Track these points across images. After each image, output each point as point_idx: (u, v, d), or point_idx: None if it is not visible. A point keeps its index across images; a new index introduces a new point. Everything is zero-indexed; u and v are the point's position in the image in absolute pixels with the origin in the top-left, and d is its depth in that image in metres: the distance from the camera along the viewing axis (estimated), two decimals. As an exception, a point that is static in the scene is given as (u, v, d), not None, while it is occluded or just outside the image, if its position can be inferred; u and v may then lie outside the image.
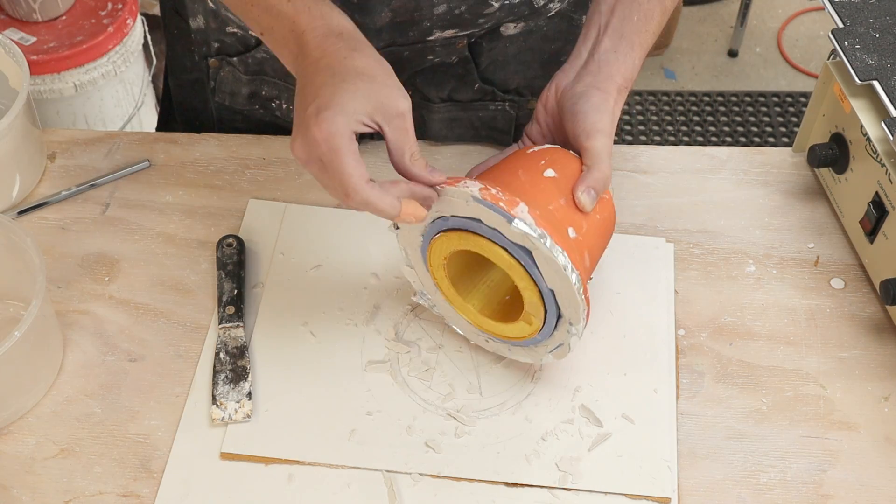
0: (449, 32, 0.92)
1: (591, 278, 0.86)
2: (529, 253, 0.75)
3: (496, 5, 0.90)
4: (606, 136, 0.79)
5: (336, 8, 0.78)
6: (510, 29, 0.95)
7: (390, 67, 0.76)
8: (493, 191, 0.75)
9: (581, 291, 0.76)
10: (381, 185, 0.74)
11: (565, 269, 0.74)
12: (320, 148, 0.72)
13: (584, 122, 0.79)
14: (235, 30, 0.99)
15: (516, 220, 0.74)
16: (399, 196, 0.75)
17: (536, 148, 0.83)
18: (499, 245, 0.77)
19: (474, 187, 0.75)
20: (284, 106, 1.04)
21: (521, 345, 0.84)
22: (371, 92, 0.73)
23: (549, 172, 0.79)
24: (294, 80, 1.01)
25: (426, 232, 0.81)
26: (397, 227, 0.83)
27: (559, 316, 0.79)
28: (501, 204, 0.74)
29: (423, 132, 1.05)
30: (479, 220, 0.77)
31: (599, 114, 0.79)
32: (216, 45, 1.02)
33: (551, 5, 0.93)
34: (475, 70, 0.98)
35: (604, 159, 0.78)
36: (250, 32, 0.98)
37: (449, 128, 1.03)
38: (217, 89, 1.05)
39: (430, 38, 0.92)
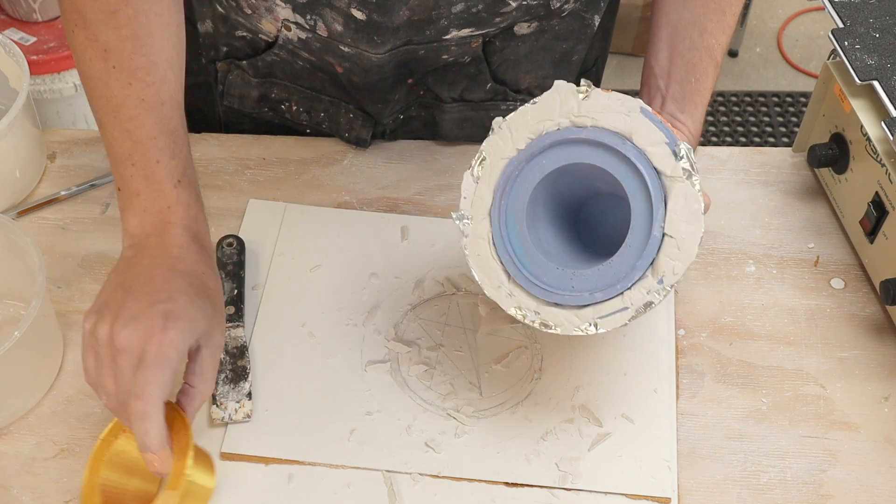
0: (465, 31, 0.92)
1: None
2: (662, 188, 0.73)
3: (513, 4, 0.90)
4: None
5: (202, 212, 0.81)
6: (523, 28, 0.95)
7: (220, 288, 0.80)
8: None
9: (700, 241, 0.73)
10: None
11: (701, 213, 0.72)
12: (151, 348, 0.71)
13: None
14: (245, 34, 0.99)
15: (683, 145, 0.73)
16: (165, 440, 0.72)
17: None
18: (614, 171, 0.74)
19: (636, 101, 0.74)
20: (294, 108, 1.04)
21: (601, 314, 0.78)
22: (211, 318, 0.76)
23: None
24: (305, 83, 1.02)
25: (527, 148, 0.77)
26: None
27: (641, 274, 0.74)
28: (668, 125, 0.73)
29: (434, 132, 1.05)
30: (623, 138, 0.74)
31: None
32: (224, 48, 1.02)
33: (566, 6, 0.94)
34: (487, 70, 0.98)
35: None
36: (260, 36, 0.98)
37: (460, 127, 1.03)
38: (225, 93, 1.05)
39: (446, 37, 0.92)
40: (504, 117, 0.77)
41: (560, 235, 0.83)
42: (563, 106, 0.76)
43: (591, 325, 0.75)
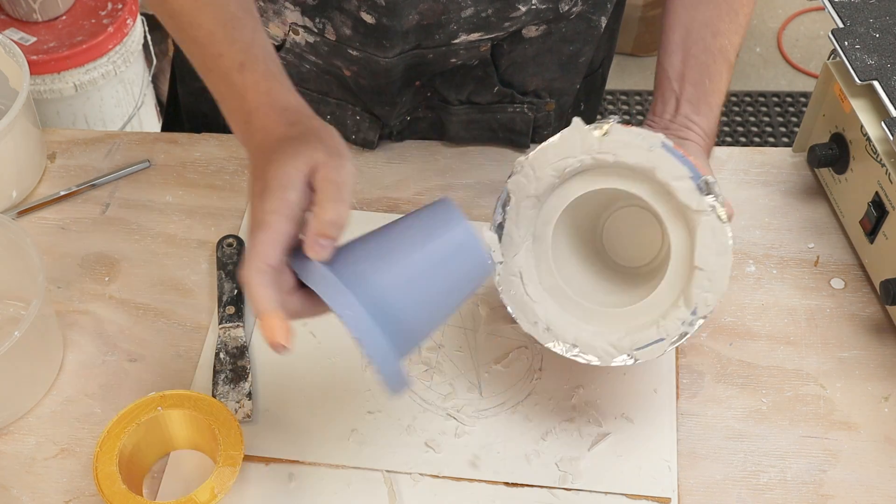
0: (474, 36, 0.92)
1: None
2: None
3: (523, 9, 0.90)
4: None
5: (286, 83, 0.75)
6: (531, 31, 0.95)
7: (334, 129, 0.72)
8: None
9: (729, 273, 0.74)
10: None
11: (730, 244, 0.73)
12: (255, 215, 0.66)
13: None
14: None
15: (707, 178, 0.73)
16: (279, 303, 0.65)
17: None
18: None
19: (658, 136, 0.75)
20: None
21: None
22: (305, 151, 0.67)
23: None
24: (311, 86, 1.01)
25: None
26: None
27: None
28: (690, 158, 0.74)
29: (441, 134, 1.05)
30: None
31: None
32: None
33: (574, 9, 0.94)
34: (495, 72, 0.98)
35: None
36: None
37: (467, 130, 1.03)
38: None
39: (455, 41, 0.92)
40: (526, 156, 0.78)
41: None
42: (583, 143, 0.77)
43: (629, 356, 0.77)
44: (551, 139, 0.77)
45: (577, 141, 0.77)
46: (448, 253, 0.65)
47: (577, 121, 0.77)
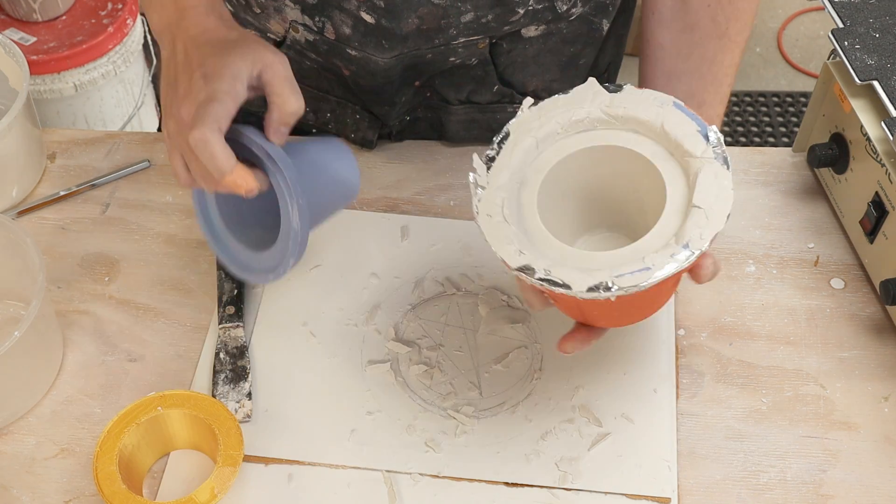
0: (473, 39, 0.92)
1: None
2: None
3: (521, 12, 0.90)
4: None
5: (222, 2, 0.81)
6: (531, 31, 0.95)
7: (257, 37, 0.80)
8: None
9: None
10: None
11: (731, 190, 0.72)
12: (200, 94, 0.73)
13: None
14: (253, 32, 0.99)
15: (714, 129, 0.74)
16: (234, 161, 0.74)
17: None
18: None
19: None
20: None
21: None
22: (252, 52, 0.76)
23: None
24: (312, 83, 1.01)
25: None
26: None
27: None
28: (701, 117, 0.75)
29: (441, 133, 1.05)
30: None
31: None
32: None
33: (573, 10, 0.93)
34: (494, 72, 0.98)
35: None
36: (268, 35, 0.98)
37: (466, 129, 1.03)
38: None
39: (454, 42, 0.92)
40: (535, 102, 0.78)
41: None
42: (595, 97, 0.77)
43: (609, 282, 0.70)
44: (561, 94, 0.78)
45: (588, 95, 0.77)
46: (337, 164, 0.84)
47: (591, 80, 0.78)
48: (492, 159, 0.77)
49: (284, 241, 0.78)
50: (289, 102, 0.76)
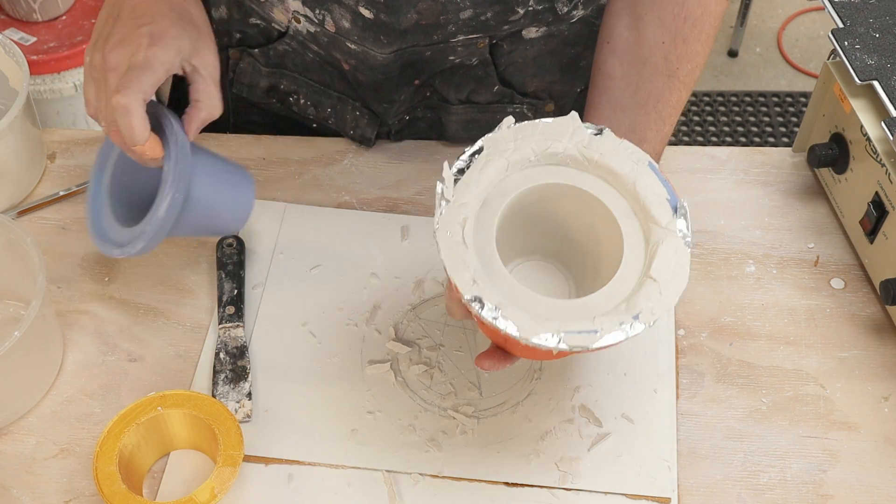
0: (473, 37, 0.92)
1: None
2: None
3: (521, 12, 0.90)
4: None
5: None
6: (531, 32, 0.95)
7: (210, 30, 0.85)
8: None
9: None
10: None
11: (688, 271, 0.72)
12: (135, 60, 0.77)
13: None
14: (258, 21, 1.00)
15: (683, 203, 0.74)
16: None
17: None
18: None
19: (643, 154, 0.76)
20: (302, 101, 1.04)
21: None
22: (196, 40, 0.82)
23: None
24: (314, 76, 1.02)
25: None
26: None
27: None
28: (671, 185, 0.74)
29: (441, 133, 1.05)
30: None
31: None
32: (238, 35, 1.02)
33: (574, 12, 0.93)
34: (494, 72, 0.98)
35: None
36: (272, 25, 0.98)
37: (466, 129, 1.03)
38: (235, 80, 1.05)
39: (453, 39, 0.92)
40: (516, 122, 0.77)
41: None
42: (574, 133, 0.76)
43: (554, 336, 0.69)
44: (546, 119, 0.77)
45: (568, 129, 0.76)
46: (232, 192, 0.87)
47: (573, 114, 0.77)
48: (461, 171, 0.75)
49: (145, 223, 0.81)
50: (217, 108, 0.83)
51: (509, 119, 0.77)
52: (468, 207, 0.74)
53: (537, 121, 0.77)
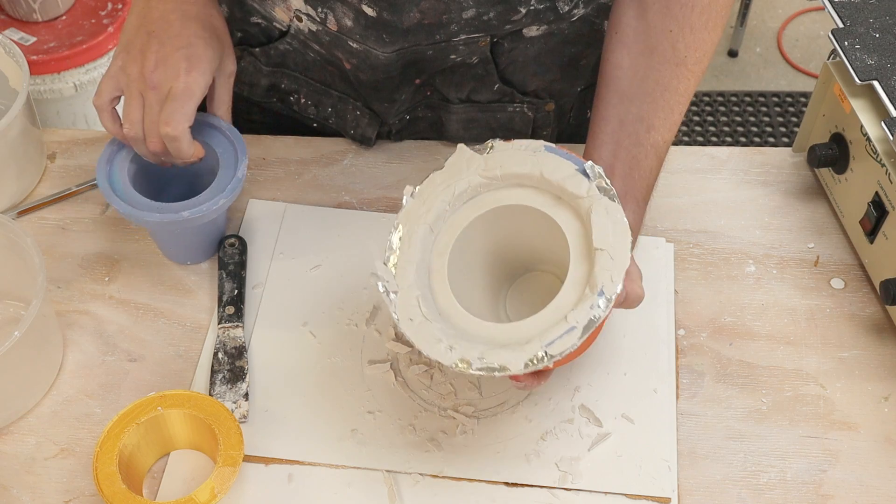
0: (474, 36, 0.92)
1: None
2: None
3: (523, 11, 0.90)
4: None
5: None
6: (532, 31, 0.95)
7: (230, 37, 0.92)
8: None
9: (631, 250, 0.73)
10: None
11: (625, 221, 0.73)
12: (177, 86, 0.85)
13: None
14: (259, 20, 1.00)
15: (591, 164, 0.74)
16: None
17: None
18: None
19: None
20: (303, 100, 1.04)
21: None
22: (221, 53, 0.90)
23: None
24: (315, 76, 1.02)
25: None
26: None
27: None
28: (573, 153, 0.75)
29: (441, 132, 1.05)
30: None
31: None
32: (239, 34, 1.02)
33: (575, 11, 0.93)
34: (495, 71, 0.98)
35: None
36: (274, 24, 0.98)
37: (466, 128, 1.03)
38: (236, 79, 1.05)
39: (455, 39, 0.92)
40: (415, 187, 0.79)
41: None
42: (469, 164, 0.78)
43: (542, 352, 0.72)
44: (436, 171, 0.79)
45: (462, 164, 0.79)
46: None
47: (461, 146, 0.79)
48: (393, 257, 0.78)
49: (212, 191, 0.89)
50: (225, 114, 0.94)
51: (408, 188, 0.79)
52: (415, 286, 0.77)
53: (432, 174, 0.79)
